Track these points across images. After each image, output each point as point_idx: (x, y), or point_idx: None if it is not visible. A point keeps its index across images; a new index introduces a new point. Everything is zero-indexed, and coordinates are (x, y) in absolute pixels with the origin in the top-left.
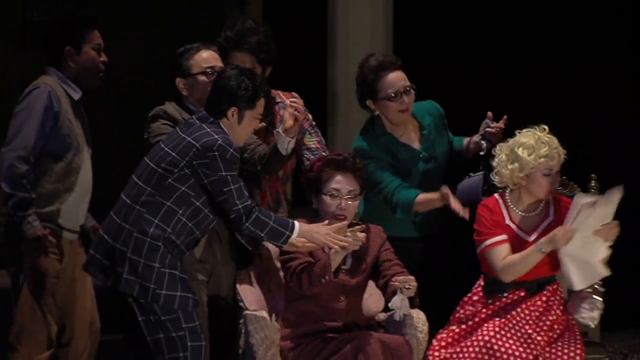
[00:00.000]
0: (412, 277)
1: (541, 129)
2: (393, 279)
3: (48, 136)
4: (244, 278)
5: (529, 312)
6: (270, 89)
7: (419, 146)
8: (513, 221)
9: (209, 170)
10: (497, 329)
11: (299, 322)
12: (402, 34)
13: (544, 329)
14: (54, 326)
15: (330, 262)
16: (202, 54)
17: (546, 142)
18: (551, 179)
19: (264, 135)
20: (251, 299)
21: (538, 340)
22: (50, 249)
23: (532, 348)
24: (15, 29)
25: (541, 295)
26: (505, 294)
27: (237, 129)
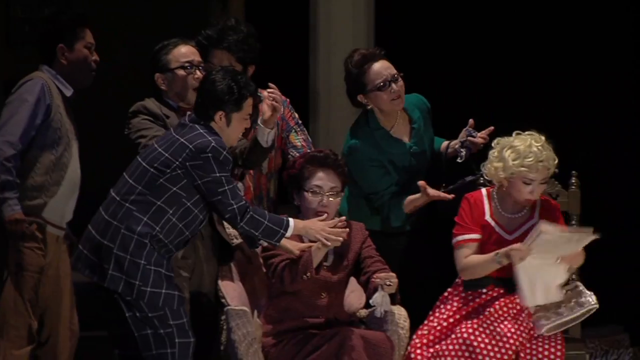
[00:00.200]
0: (393, 274)
1: (538, 138)
2: (374, 275)
3: (39, 128)
4: (225, 274)
5: (507, 310)
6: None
7: (409, 140)
8: (494, 218)
9: (202, 172)
10: (475, 326)
11: (281, 319)
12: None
13: (523, 325)
14: (35, 322)
15: (312, 258)
16: (180, 48)
17: (535, 152)
18: (532, 188)
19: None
20: (233, 295)
21: (515, 338)
22: (32, 243)
23: (507, 348)
24: None
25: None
26: (484, 289)
27: (227, 131)
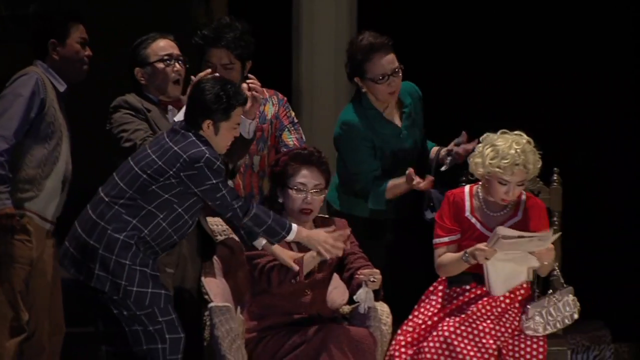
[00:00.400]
0: (377, 270)
1: (520, 140)
2: (358, 272)
3: (32, 121)
4: (209, 271)
5: (490, 308)
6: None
7: (400, 124)
8: (475, 215)
9: (198, 181)
10: (456, 325)
11: (264, 315)
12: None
13: (506, 325)
14: (26, 313)
15: (303, 265)
16: (159, 42)
17: (512, 155)
18: (507, 189)
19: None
20: (216, 291)
21: (498, 337)
22: (23, 236)
23: (487, 347)
24: None
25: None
26: (467, 286)
27: (215, 139)
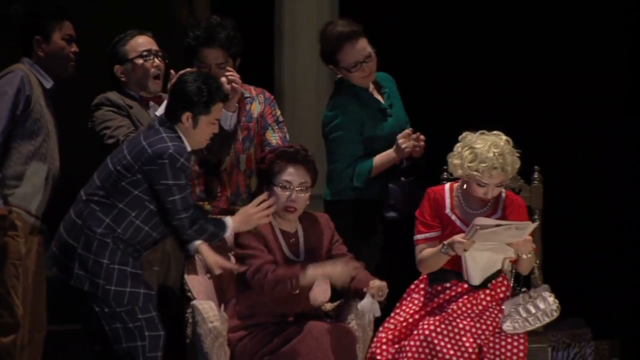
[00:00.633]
0: (384, 284)
1: (498, 142)
2: (369, 284)
3: (19, 118)
4: (192, 268)
5: (470, 306)
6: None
7: (384, 101)
8: (454, 212)
9: (155, 177)
10: (437, 324)
11: (248, 314)
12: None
13: (487, 323)
14: (20, 308)
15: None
16: (137, 39)
17: (490, 158)
18: (485, 190)
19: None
20: (199, 289)
21: (478, 335)
22: (12, 232)
23: (466, 346)
24: None
25: (484, 290)
26: (448, 284)
27: (193, 133)
